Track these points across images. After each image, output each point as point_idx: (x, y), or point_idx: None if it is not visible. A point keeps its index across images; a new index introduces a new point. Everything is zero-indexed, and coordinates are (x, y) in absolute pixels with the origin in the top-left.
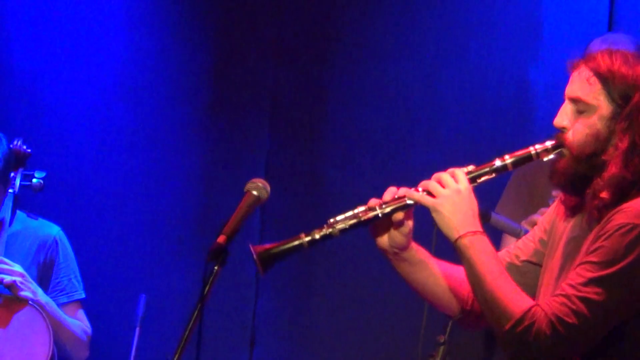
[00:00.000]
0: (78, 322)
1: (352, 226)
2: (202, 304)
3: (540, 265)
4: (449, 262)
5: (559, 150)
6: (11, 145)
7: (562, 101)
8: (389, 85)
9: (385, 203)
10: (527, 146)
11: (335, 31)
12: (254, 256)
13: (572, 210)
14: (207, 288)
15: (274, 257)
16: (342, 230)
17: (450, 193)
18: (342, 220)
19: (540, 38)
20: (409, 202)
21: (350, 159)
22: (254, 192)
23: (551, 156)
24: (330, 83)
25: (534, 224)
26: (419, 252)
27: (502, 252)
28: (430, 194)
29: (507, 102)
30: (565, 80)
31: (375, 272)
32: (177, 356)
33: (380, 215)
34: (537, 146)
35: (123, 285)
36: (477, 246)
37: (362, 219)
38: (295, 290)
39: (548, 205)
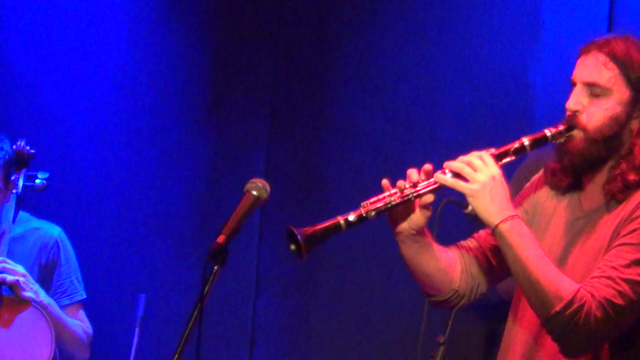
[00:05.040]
0: (79, 323)
1: (387, 209)
2: (202, 303)
3: None
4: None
5: (570, 132)
6: (14, 146)
7: (562, 101)
8: (389, 85)
9: (415, 185)
10: (538, 129)
11: (336, 31)
12: (299, 238)
13: (562, 190)
14: (207, 288)
15: (317, 239)
16: (378, 213)
17: (486, 179)
18: (375, 202)
19: (540, 38)
20: (439, 184)
21: (350, 158)
22: (254, 192)
23: (563, 138)
24: (330, 83)
25: None
26: (427, 234)
27: (481, 233)
28: (460, 177)
29: (507, 102)
30: (565, 79)
31: (375, 272)
32: (177, 356)
33: (412, 198)
34: (552, 129)
35: (123, 285)
36: (517, 230)
37: (396, 202)
38: (295, 290)
39: None
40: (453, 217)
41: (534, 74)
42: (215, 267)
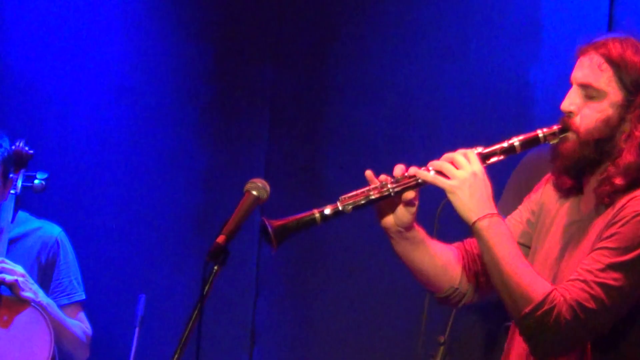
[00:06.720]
0: (78, 323)
1: (364, 204)
2: (202, 304)
3: (528, 247)
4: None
5: (565, 134)
6: (13, 146)
7: (561, 101)
8: (389, 85)
9: (397, 181)
10: (534, 130)
11: (335, 31)
12: (269, 229)
13: (565, 193)
14: (207, 288)
15: (289, 231)
16: (354, 207)
17: (467, 175)
18: (354, 196)
19: (540, 38)
20: (420, 181)
21: (350, 158)
22: (254, 192)
23: (557, 140)
24: (330, 83)
25: None
26: (420, 232)
27: None
28: (442, 174)
29: (508, 102)
30: (565, 80)
31: (375, 272)
32: (177, 356)
33: (392, 193)
34: (545, 129)
35: (123, 285)
36: (495, 228)
37: (374, 197)
38: (295, 290)
39: None
40: (453, 217)
41: (534, 74)
42: (215, 267)
